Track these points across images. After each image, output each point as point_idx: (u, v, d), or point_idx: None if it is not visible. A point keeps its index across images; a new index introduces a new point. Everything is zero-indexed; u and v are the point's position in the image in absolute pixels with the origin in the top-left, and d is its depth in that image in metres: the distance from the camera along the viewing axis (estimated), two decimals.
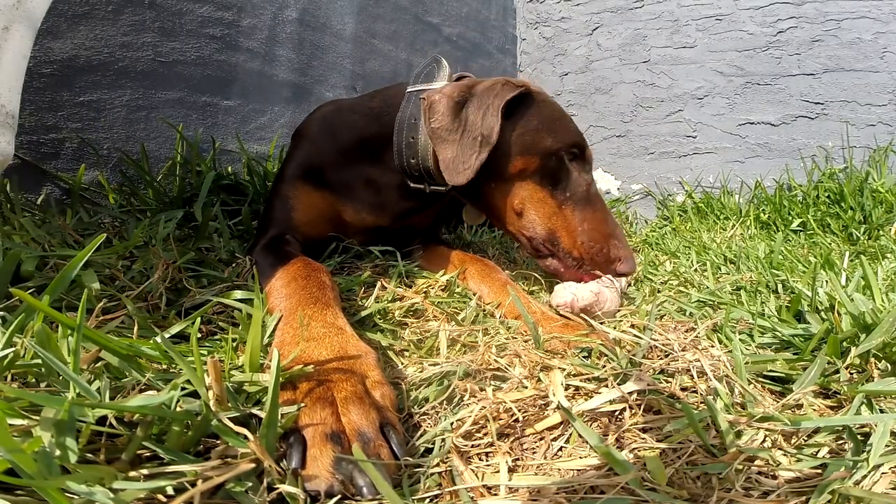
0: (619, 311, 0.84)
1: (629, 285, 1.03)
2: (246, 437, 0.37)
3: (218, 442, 0.40)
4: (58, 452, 0.32)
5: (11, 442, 0.29)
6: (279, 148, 1.62)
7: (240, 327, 0.61)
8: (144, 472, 0.34)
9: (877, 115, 2.24)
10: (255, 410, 0.42)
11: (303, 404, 0.43)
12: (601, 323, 0.73)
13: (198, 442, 0.39)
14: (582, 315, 0.77)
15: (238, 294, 0.68)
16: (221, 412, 0.39)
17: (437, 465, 0.43)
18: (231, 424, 0.38)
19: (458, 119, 0.89)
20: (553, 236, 0.92)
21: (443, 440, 0.46)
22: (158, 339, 0.46)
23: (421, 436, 0.47)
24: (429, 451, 0.46)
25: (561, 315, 0.78)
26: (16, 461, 0.29)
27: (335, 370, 0.48)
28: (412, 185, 0.98)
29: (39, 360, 0.42)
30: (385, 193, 1.01)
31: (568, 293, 0.81)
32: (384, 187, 1.00)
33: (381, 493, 0.36)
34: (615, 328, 0.73)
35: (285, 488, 0.36)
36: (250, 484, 0.36)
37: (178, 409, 0.39)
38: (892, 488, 0.41)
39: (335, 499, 0.37)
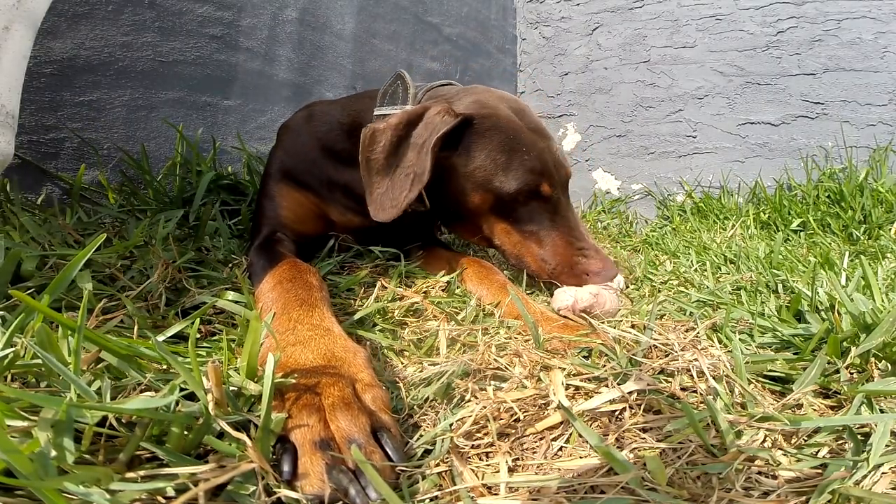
0: (619, 310, 0.84)
1: (627, 286, 1.03)
2: (243, 442, 0.37)
3: (221, 443, 0.39)
4: (54, 453, 0.32)
5: (8, 442, 0.29)
6: None
7: (238, 328, 0.61)
8: (143, 473, 0.34)
9: (877, 115, 2.24)
10: (250, 416, 0.42)
11: (291, 412, 0.42)
12: (601, 323, 0.73)
13: (198, 444, 0.39)
14: (582, 314, 0.77)
15: (231, 295, 0.68)
16: (221, 416, 0.39)
17: (437, 465, 0.43)
18: (231, 430, 0.38)
19: (395, 154, 0.86)
20: (521, 260, 0.94)
21: (442, 440, 0.46)
22: (156, 342, 0.46)
23: (420, 436, 0.47)
24: (428, 451, 0.46)
25: (561, 316, 0.78)
26: (12, 462, 0.29)
27: (322, 374, 0.47)
28: None
29: (39, 361, 0.42)
30: (363, 203, 1.00)
31: (568, 296, 0.81)
32: (362, 197, 0.99)
33: (374, 498, 0.36)
34: (615, 328, 0.73)
35: (285, 493, 0.36)
36: (253, 488, 0.36)
37: (178, 411, 0.39)
38: (893, 488, 0.41)
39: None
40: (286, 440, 0.40)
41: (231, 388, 0.44)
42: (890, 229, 1.74)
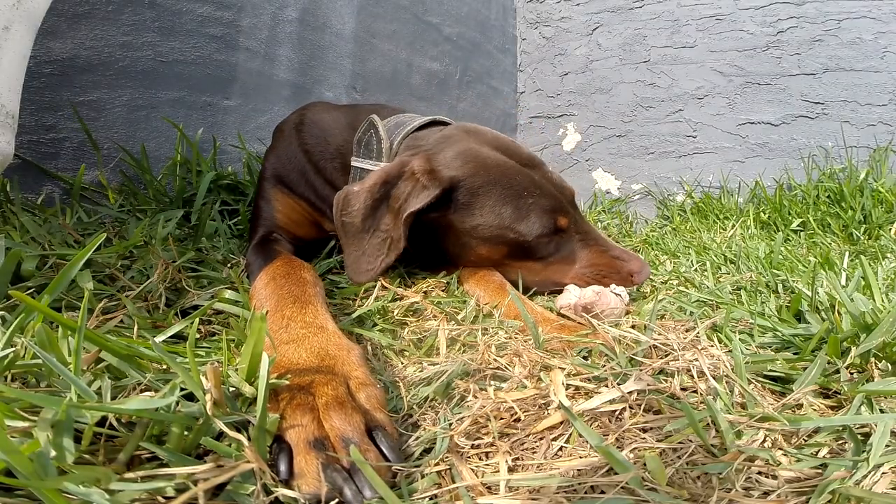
0: (625, 311, 0.84)
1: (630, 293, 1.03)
2: (241, 443, 0.37)
3: (219, 444, 0.39)
4: (54, 453, 0.32)
5: (8, 443, 0.29)
6: None
7: (236, 328, 0.61)
8: (142, 473, 0.34)
9: (877, 115, 2.24)
10: (249, 417, 0.42)
11: (284, 413, 0.42)
12: (600, 323, 0.73)
13: (198, 444, 0.39)
14: (582, 314, 0.77)
15: (229, 294, 0.68)
16: (219, 416, 0.39)
17: (437, 464, 0.43)
18: (228, 430, 0.38)
19: (372, 217, 0.82)
20: (556, 283, 0.90)
21: (442, 439, 0.46)
22: (154, 343, 0.46)
23: (420, 435, 0.47)
24: (427, 451, 0.46)
25: (561, 315, 0.78)
26: (12, 462, 0.29)
27: (316, 373, 0.47)
28: None
29: (39, 361, 0.42)
30: None
31: (572, 294, 0.81)
32: None
33: (370, 497, 0.36)
34: (616, 327, 0.73)
35: (283, 492, 0.36)
36: (252, 488, 0.36)
37: (178, 411, 0.39)
38: (893, 488, 0.41)
39: (333, 502, 0.36)
40: (282, 440, 0.40)
41: (230, 389, 0.44)
42: (890, 229, 1.74)
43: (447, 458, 0.44)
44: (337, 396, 0.43)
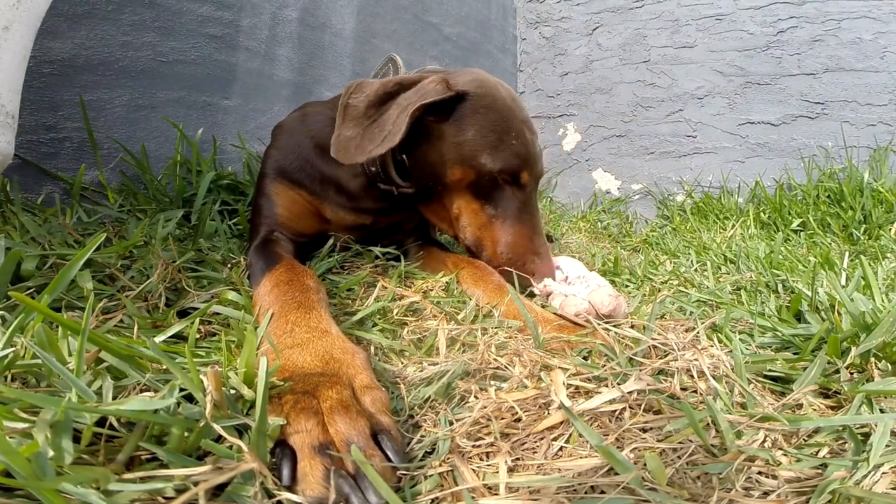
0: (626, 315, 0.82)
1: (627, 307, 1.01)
2: (241, 446, 0.37)
3: (219, 446, 0.39)
4: (52, 453, 0.32)
5: (6, 444, 0.29)
6: None
7: (235, 329, 0.61)
8: (142, 473, 0.34)
9: (877, 115, 2.24)
10: (248, 420, 0.42)
11: (289, 417, 0.41)
12: (599, 323, 0.73)
13: (198, 446, 0.39)
14: (606, 321, 0.75)
15: (231, 296, 0.68)
16: (219, 418, 0.39)
17: (439, 465, 0.43)
18: (226, 434, 0.37)
19: (376, 108, 0.86)
20: (480, 244, 0.95)
21: (444, 441, 0.45)
22: (153, 344, 0.45)
23: (422, 437, 0.47)
24: (429, 452, 0.45)
25: (558, 316, 0.78)
26: (10, 463, 0.29)
27: (320, 377, 0.46)
28: (382, 186, 0.99)
29: (39, 361, 0.42)
30: (357, 195, 1.02)
31: (580, 300, 0.78)
32: (355, 189, 1.01)
33: (375, 502, 0.36)
34: (616, 327, 0.73)
35: (287, 496, 0.36)
36: (252, 489, 0.36)
37: (178, 413, 0.39)
38: (893, 488, 0.41)
39: None
40: (285, 444, 0.40)
41: (231, 391, 0.44)
42: (890, 229, 1.74)
43: (449, 458, 0.44)
44: (342, 400, 0.43)
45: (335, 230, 1.04)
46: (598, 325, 0.69)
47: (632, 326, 0.75)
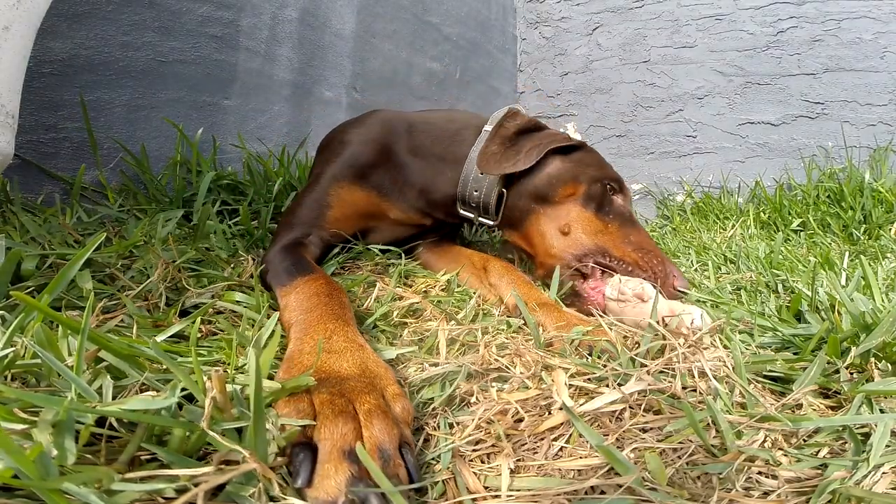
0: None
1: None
2: (242, 451, 0.37)
3: (223, 443, 0.39)
4: (55, 453, 0.32)
5: (11, 445, 0.29)
6: (279, 147, 1.62)
7: (240, 327, 0.61)
8: (143, 473, 0.34)
9: (877, 115, 2.24)
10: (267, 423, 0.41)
11: (321, 418, 0.40)
12: (601, 318, 0.73)
13: (199, 447, 0.39)
14: (628, 299, 0.77)
15: (238, 297, 0.68)
16: (221, 420, 0.39)
17: (443, 471, 0.43)
18: (222, 439, 0.37)
19: (518, 137, 1.03)
20: (602, 248, 0.95)
21: (446, 453, 0.45)
22: (153, 345, 0.45)
23: (426, 440, 0.47)
24: (433, 458, 0.45)
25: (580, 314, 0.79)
26: (16, 463, 0.29)
27: (356, 382, 0.46)
28: (462, 211, 1.05)
29: (39, 360, 0.42)
30: (432, 206, 1.08)
31: (687, 310, 0.74)
32: (436, 202, 1.07)
33: None
34: (616, 327, 0.73)
35: (293, 502, 0.35)
36: (254, 489, 0.36)
37: (179, 414, 0.39)
38: (893, 488, 0.41)
39: None
40: (301, 446, 0.39)
41: (237, 389, 0.44)
42: (890, 229, 1.74)
43: (452, 462, 0.44)
44: (379, 405, 0.43)
45: (385, 228, 1.10)
46: (601, 318, 0.69)
47: (632, 326, 0.75)
